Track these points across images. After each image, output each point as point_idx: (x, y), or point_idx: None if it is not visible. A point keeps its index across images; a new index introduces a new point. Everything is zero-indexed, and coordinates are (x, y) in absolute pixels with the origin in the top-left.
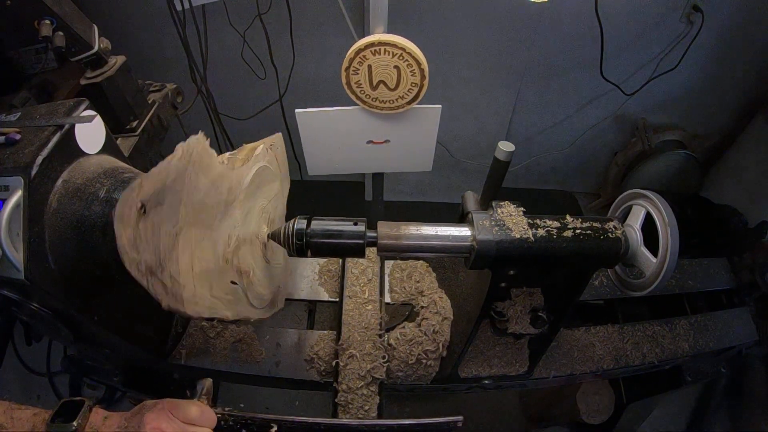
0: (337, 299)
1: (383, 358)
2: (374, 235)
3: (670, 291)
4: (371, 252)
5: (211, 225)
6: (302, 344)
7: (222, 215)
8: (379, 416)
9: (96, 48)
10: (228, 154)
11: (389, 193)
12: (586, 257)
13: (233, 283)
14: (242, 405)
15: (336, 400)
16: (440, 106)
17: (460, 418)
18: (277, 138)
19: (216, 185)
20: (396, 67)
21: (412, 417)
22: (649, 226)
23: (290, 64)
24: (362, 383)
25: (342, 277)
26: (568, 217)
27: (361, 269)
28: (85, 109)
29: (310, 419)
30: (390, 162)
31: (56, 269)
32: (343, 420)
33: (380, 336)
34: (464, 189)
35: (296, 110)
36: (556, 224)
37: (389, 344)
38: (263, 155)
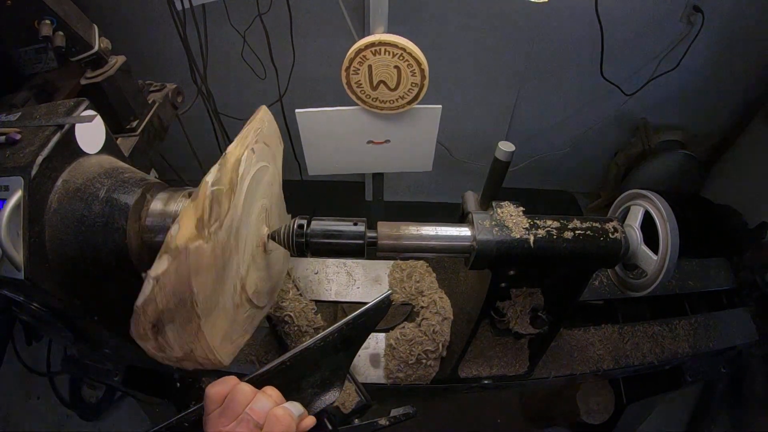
0: None
1: (313, 310)
2: (374, 235)
3: (670, 291)
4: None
5: (221, 299)
6: None
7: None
8: None
9: (96, 48)
10: (210, 179)
11: (389, 193)
12: (586, 257)
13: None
14: None
15: None
16: (440, 106)
17: (391, 291)
18: (263, 114)
19: (219, 274)
20: (396, 67)
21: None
22: (649, 226)
23: (290, 64)
24: (307, 337)
25: None
26: (567, 217)
27: None
28: (85, 109)
29: (273, 362)
30: (390, 162)
31: (56, 269)
32: (299, 346)
33: (300, 295)
34: (464, 189)
35: (296, 110)
36: (556, 224)
37: (389, 344)
38: (249, 162)
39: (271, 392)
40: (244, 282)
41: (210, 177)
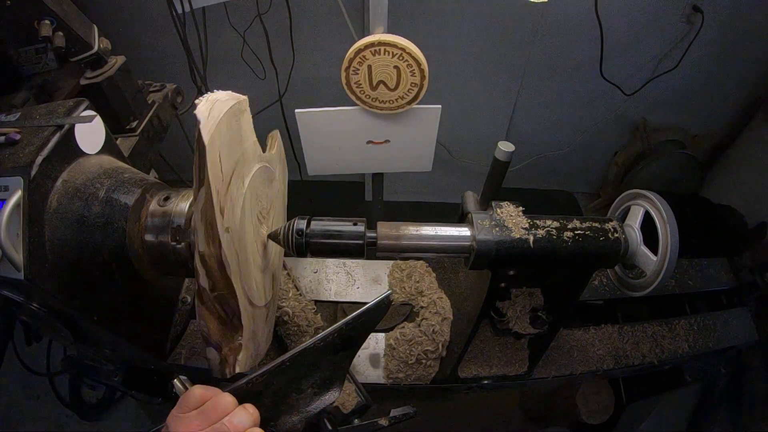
0: None
1: (313, 309)
2: (374, 235)
3: (669, 291)
4: None
5: None
6: None
7: None
8: None
9: (96, 48)
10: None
11: (389, 193)
12: (585, 257)
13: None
14: None
15: None
16: (440, 106)
17: (390, 291)
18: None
19: None
20: (396, 67)
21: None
22: (648, 226)
23: (290, 64)
24: (307, 336)
25: None
26: (567, 217)
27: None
28: (84, 109)
29: (273, 363)
30: (390, 162)
31: (56, 270)
32: (299, 347)
33: (300, 295)
34: (464, 189)
35: (296, 110)
36: (556, 224)
37: (389, 344)
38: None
39: (252, 411)
40: (246, 283)
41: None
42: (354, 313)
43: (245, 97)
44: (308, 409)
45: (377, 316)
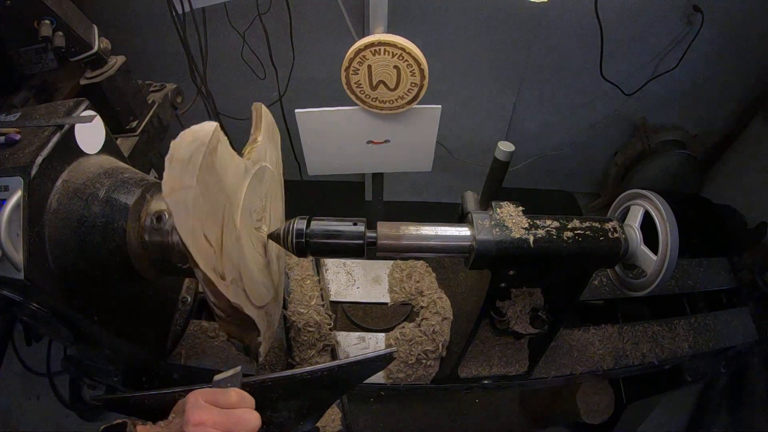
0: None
1: (329, 325)
2: (374, 235)
3: (669, 291)
4: None
5: None
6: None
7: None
8: None
9: (96, 48)
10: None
11: (389, 193)
12: (586, 257)
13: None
14: None
15: None
16: (440, 106)
17: (395, 349)
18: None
19: None
20: (396, 67)
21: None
22: (648, 226)
23: (290, 64)
24: (313, 351)
25: None
26: (567, 217)
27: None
28: (84, 109)
29: (255, 377)
30: (390, 162)
31: (56, 269)
32: (285, 372)
33: (323, 306)
34: (464, 189)
35: (296, 110)
36: (556, 224)
37: (389, 344)
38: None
39: None
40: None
41: None
42: (350, 359)
43: (211, 132)
44: (278, 428)
45: (374, 368)
